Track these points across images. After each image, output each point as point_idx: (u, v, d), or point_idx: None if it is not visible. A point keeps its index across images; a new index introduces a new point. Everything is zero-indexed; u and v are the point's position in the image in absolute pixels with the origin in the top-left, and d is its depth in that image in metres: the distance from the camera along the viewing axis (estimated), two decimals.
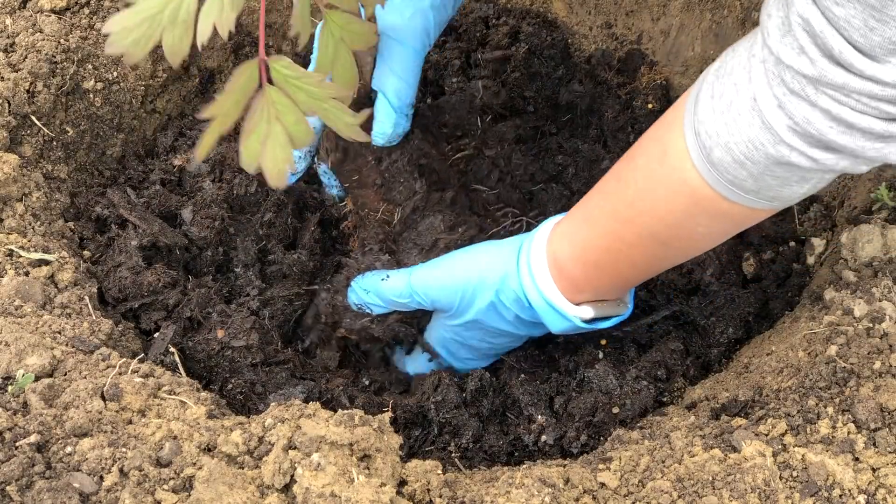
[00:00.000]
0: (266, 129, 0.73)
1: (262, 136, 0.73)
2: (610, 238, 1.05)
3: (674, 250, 1.04)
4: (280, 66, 0.74)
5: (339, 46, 0.81)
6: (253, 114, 0.73)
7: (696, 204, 0.94)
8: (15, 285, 1.08)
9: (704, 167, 0.90)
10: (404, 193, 1.26)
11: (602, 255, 1.06)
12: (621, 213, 1.02)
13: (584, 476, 0.94)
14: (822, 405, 0.97)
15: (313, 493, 0.83)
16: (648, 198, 0.98)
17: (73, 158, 1.32)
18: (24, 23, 1.29)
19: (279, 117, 0.73)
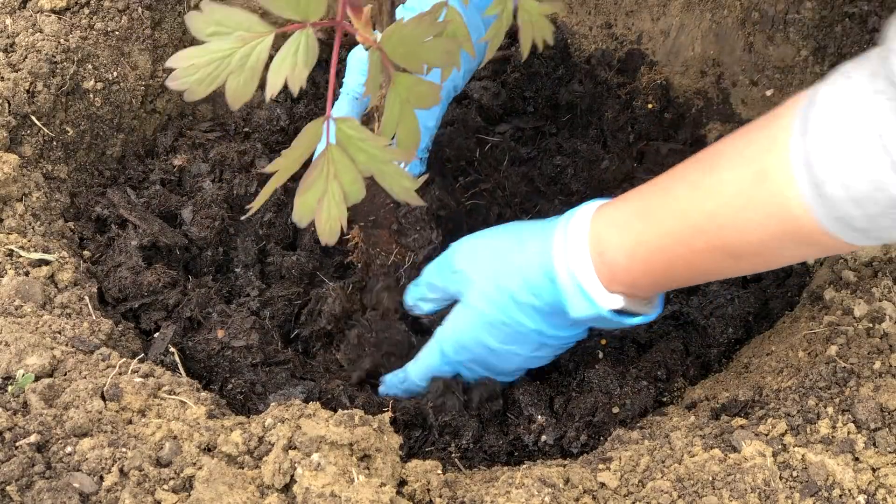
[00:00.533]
0: (324, 187, 0.74)
1: (320, 194, 0.74)
2: (672, 240, 1.00)
3: (743, 265, 0.99)
4: (346, 126, 0.75)
5: (404, 107, 0.82)
6: (313, 171, 0.74)
7: (792, 232, 0.89)
8: (15, 285, 1.08)
9: (814, 200, 0.85)
10: (419, 241, 1.26)
11: (656, 253, 1.02)
12: (694, 221, 0.97)
13: (584, 476, 0.94)
14: (822, 405, 0.97)
15: (313, 493, 0.83)
16: (736, 215, 0.93)
17: (73, 158, 1.32)
18: (24, 23, 1.29)
19: (337, 176, 0.74)
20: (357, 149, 0.75)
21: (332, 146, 0.75)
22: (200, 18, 0.71)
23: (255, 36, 0.72)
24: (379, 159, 0.76)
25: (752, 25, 1.50)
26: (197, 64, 0.71)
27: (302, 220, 0.74)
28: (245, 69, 0.71)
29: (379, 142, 0.76)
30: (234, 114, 1.53)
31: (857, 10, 1.41)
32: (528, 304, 1.12)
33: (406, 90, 0.81)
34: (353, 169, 0.75)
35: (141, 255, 1.28)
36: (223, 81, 0.71)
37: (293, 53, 0.72)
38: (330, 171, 0.75)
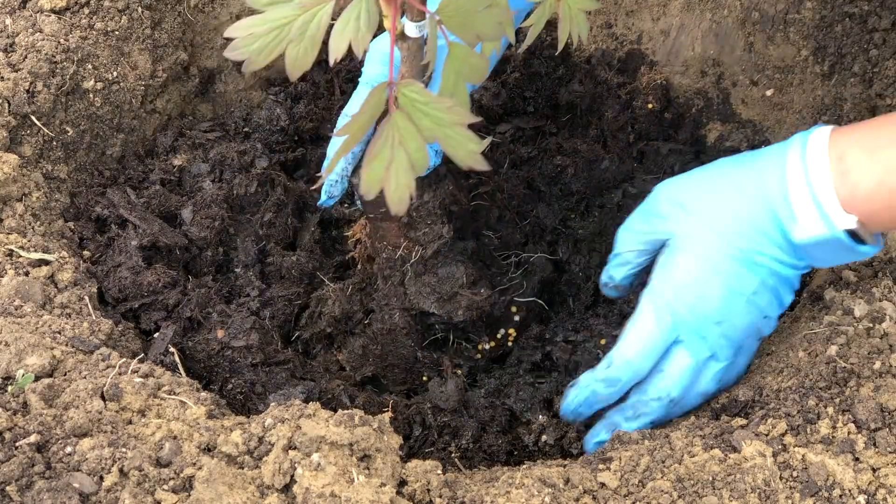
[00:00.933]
0: (390, 155, 0.73)
1: (387, 162, 0.73)
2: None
3: None
4: (409, 90, 0.74)
5: (458, 78, 0.82)
6: (377, 139, 0.73)
7: None
8: (15, 285, 1.08)
9: None
10: (430, 235, 1.25)
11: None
12: None
13: (584, 476, 0.94)
14: (822, 405, 0.97)
15: (313, 493, 0.83)
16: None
17: (73, 158, 1.32)
18: (24, 23, 1.29)
19: (403, 143, 0.73)
20: (421, 114, 0.74)
21: (397, 112, 0.74)
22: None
23: (315, 3, 0.71)
24: (444, 122, 0.74)
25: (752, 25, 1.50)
26: (256, 33, 0.70)
27: (371, 190, 0.73)
28: (305, 37, 0.71)
29: (444, 104, 0.74)
30: (234, 114, 1.54)
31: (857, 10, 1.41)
32: (754, 235, 1.04)
33: (460, 62, 0.81)
34: (418, 136, 0.73)
35: (141, 255, 1.28)
36: (283, 50, 0.70)
37: (356, 18, 0.72)
38: (396, 137, 0.73)
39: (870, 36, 1.40)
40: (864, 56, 1.39)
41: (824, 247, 1.01)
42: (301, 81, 1.57)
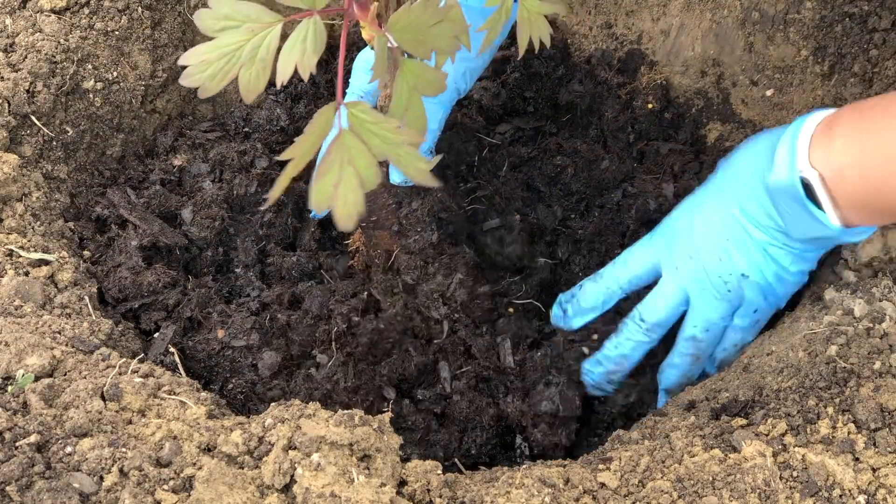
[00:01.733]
0: (339, 173, 0.74)
1: (335, 180, 0.73)
2: (888, 131, 0.97)
3: None
4: (357, 111, 0.75)
5: (412, 94, 0.82)
6: (327, 157, 0.74)
7: None
8: (15, 285, 1.08)
9: None
10: (420, 242, 1.27)
11: (875, 154, 0.98)
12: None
13: (584, 476, 0.94)
14: (822, 405, 0.97)
15: (313, 493, 0.83)
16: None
17: (73, 158, 1.32)
18: (24, 23, 1.29)
19: (352, 161, 0.74)
20: (370, 133, 0.75)
21: (345, 131, 0.74)
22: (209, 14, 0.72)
23: (263, 26, 0.72)
24: (392, 142, 0.75)
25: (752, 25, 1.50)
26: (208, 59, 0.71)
27: (319, 207, 0.74)
28: (256, 61, 0.72)
29: (391, 124, 0.75)
30: (234, 114, 1.53)
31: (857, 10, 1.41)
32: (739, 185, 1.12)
33: (414, 76, 0.81)
34: (368, 153, 0.74)
35: (141, 255, 1.28)
36: (235, 75, 0.72)
37: (302, 40, 0.73)
38: (344, 156, 0.74)
39: (870, 36, 1.40)
40: (864, 56, 1.39)
41: (785, 196, 1.04)
42: (300, 81, 1.57)
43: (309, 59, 0.72)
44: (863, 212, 1.03)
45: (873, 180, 0.99)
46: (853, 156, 1.00)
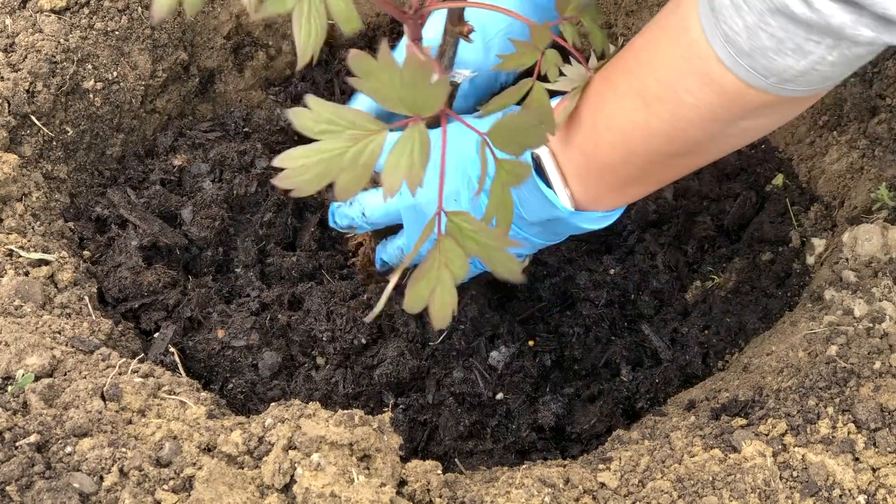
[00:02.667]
0: (436, 277, 0.76)
1: (432, 284, 0.76)
2: (599, 94, 0.97)
3: (656, 119, 0.93)
4: (458, 219, 0.78)
5: (504, 189, 0.85)
6: (425, 262, 0.77)
7: (691, 60, 0.86)
8: (15, 285, 1.08)
9: (706, 13, 0.82)
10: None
11: (591, 115, 0.98)
12: (622, 62, 0.95)
13: (584, 476, 0.94)
14: (822, 405, 0.97)
15: (313, 493, 0.83)
16: (650, 47, 0.91)
17: (73, 158, 1.32)
18: (24, 23, 1.29)
19: (448, 264, 0.77)
20: (468, 238, 0.78)
21: (445, 237, 0.77)
22: (309, 116, 0.71)
23: (367, 134, 0.72)
24: (490, 248, 0.79)
25: None
26: (307, 164, 0.71)
27: (414, 309, 0.76)
28: (357, 167, 0.72)
29: (493, 233, 0.78)
30: (234, 114, 1.53)
31: None
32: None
33: (506, 173, 0.84)
34: (463, 256, 0.77)
35: (141, 255, 1.28)
36: (333, 179, 0.72)
37: (409, 153, 0.73)
38: (442, 261, 0.77)
39: None
40: None
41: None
42: (301, 81, 1.57)
43: (417, 173, 0.73)
44: (592, 184, 1.02)
45: (594, 145, 0.99)
46: (576, 122, 0.99)
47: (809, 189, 1.39)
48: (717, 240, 1.41)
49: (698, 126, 0.91)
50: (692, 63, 0.86)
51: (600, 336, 1.32)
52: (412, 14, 0.87)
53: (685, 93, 0.88)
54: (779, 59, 0.80)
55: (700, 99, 0.88)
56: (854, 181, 1.31)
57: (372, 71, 0.70)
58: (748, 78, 0.83)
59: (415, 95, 0.72)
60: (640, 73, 0.92)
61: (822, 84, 0.84)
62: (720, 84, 0.85)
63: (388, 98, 0.72)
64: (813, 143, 1.40)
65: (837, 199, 1.33)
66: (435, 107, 0.73)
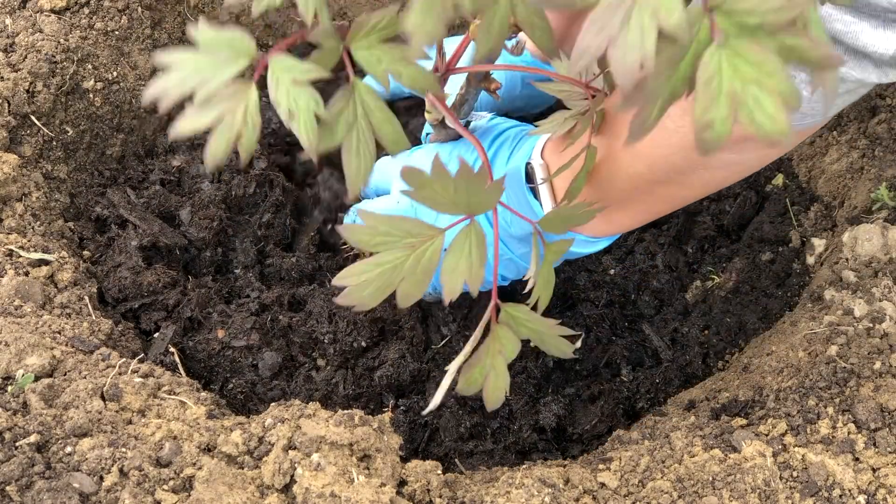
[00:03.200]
0: (490, 364, 0.78)
1: (486, 370, 0.78)
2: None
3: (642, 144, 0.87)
4: (512, 310, 0.80)
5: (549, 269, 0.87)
6: (480, 352, 0.79)
7: None
8: (15, 285, 1.08)
9: None
10: None
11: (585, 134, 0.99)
12: None
13: (584, 476, 0.94)
14: (822, 405, 0.97)
15: (313, 493, 0.83)
16: None
17: (73, 158, 1.32)
18: (24, 23, 1.29)
19: (502, 351, 0.79)
20: (521, 325, 0.81)
21: (500, 326, 0.79)
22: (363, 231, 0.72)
23: (424, 240, 0.73)
24: (544, 333, 0.82)
25: None
26: (369, 279, 0.72)
27: (468, 392, 0.79)
28: (418, 273, 0.73)
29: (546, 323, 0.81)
30: None
31: None
32: None
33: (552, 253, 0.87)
34: (517, 341, 0.80)
35: (141, 255, 1.28)
36: (395, 288, 0.73)
37: (467, 255, 0.74)
38: (496, 348, 0.79)
39: None
40: None
41: (512, 182, 1.05)
42: None
43: (476, 273, 0.74)
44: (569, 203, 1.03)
45: (574, 161, 0.99)
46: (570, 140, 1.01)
47: (809, 189, 1.39)
48: (717, 240, 1.41)
49: (679, 154, 0.91)
50: None
51: (601, 336, 1.32)
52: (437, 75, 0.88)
53: (666, 118, 0.88)
54: None
55: (679, 125, 0.88)
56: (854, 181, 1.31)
57: (424, 184, 0.71)
58: None
59: (469, 200, 0.73)
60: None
61: (801, 121, 0.83)
62: None
63: (442, 205, 0.73)
64: (813, 143, 1.40)
65: (837, 199, 1.33)
66: (489, 207, 0.75)
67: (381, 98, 0.71)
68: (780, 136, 0.49)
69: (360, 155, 0.70)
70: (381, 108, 0.70)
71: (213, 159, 0.65)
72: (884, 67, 0.74)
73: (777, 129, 0.49)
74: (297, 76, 0.65)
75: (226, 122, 0.64)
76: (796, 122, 0.83)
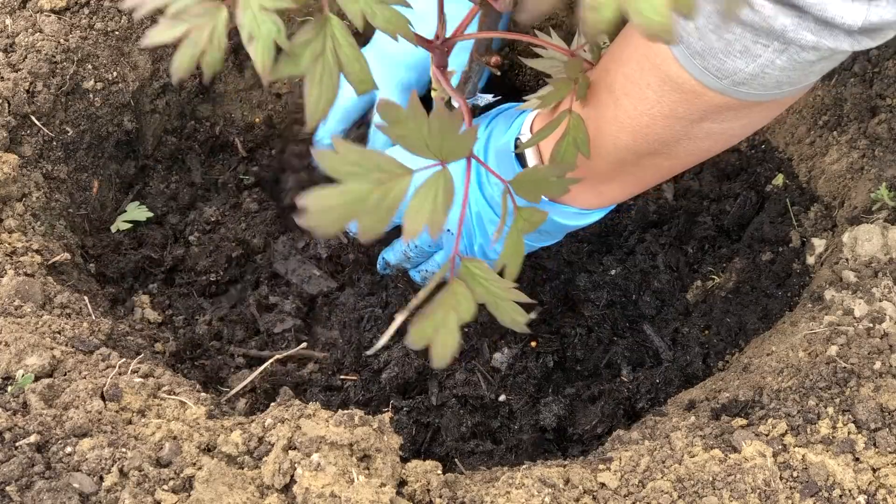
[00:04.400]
0: (443, 318, 0.77)
1: (437, 325, 0.77)
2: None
3: (623, 113, 0.94)
4: (472, 265, 0.79)
5: (519, 238, 0.86)
6: (434, 303, 0.77)
7: (650, 57, 0.87)
8: (15, 285, 1.07)
9: None
10: None
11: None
12: (604, 58, 0.97)
13: (584, 476, 0.94)
14: (822, 405, 0.97)
15: (313, 493, 0.83)
16: (622, 42, 0.92)
17: (73, 158, 1.32)
18: (24, 23, 1.29)
19: (456, 307, 0.78)
20: (478, 283, 0.79)
21: (457, 281, 0.78)
22: (335, 158, 0.72)
23: (392, 177, 0.72)
24: (500, 297, 0.80)
25: None
26: (332, 205, 0.71)
27: (416, 345, 0.78)
28: (381, 209, 0.72)
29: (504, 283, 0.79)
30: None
31: None
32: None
33: (524, 221, 0.86)
34: (472, 300, 0.79)
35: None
36: (355, 219, 0.72)
37: (432, 198, 0.73)
38: (451, 303, 0.78)
39: None
40: (864, 56, 1.39)
41: (503, 158, 1.06)
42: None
43: (439, 217, 0.73)
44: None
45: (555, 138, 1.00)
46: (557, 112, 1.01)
47: (809, 189, 1.39)
48: (717, 240, 1.41)
49: (661, 124, 0.92)
50: (652, 60, 0.87)
51: (602, 337, 1.32)
52: (438, 44, 0.88)
53: (647, 88, 0.89)
54: (728, 60, 0.80)
55: (661, 96, 0.89)
56: (854, 181, 1.31)
57: (400, 119, 0.71)
58: (702, 78, 0.84)
59: (442, 144, 0.72)
60: (612, 69, 0.93)
61: (778, 89, 0.83)
62: (678, 82, 0.86)
63: (414, 145, 0.73)
64: (813, 143, 1.40)
65: (837, 199, 1.33)
66: (462, 154, 0.74)
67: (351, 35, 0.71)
68: (664, 32, 0.50)
69: (323, 85, 0.69)
70: (350, 45, 0.70)
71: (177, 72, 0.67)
72: (855, 36, 0.75)
73: (661, 21, 0.50)
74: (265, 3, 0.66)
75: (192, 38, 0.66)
76: (774, 90, 0.84)
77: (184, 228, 1.38)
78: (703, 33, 0.79)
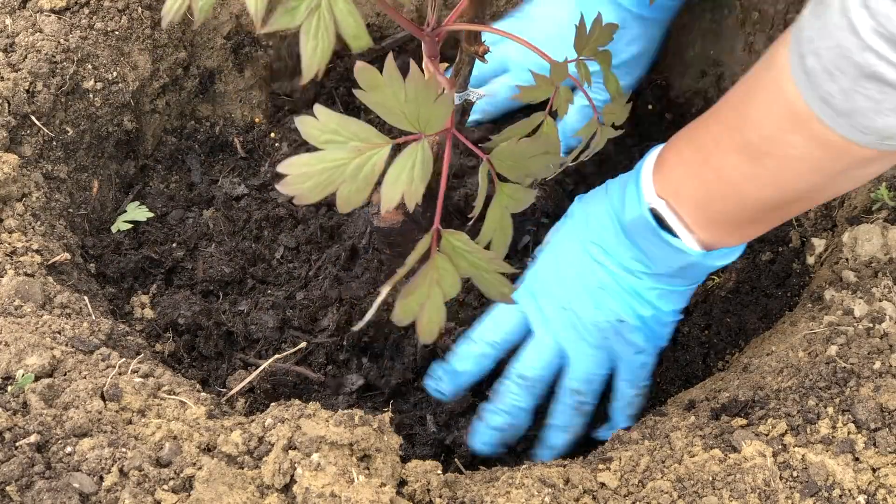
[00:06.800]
0: (427, 293, 0.77)
1: (422, 300, 0.77)
2: (703, 148, 1.00)
3: (765, 171, 0.95)
4: (453, 238, 0.78)
5: (503, 213, 0.86)
6: (417, 278, 0.77)
7: (791, 118, 0.88)
8: (15, 285, 1.08)
9: (799, 76, 0.84)
10: None
11: (698, 168, 1.01)
12: (721, 116, 0.99)
13: (584, 476, 0.94)
14: (822, 405, 0.97)
15: (313, 493, 0.83)
16: (748, 103, 0.94)
17: (73, 158, 1.32)
18: (24, 23, 1.29)
19: (440, 282, 0.77)
20: (461, 257, 0.78)
21: (439, 255, 0.77)
22: (315, 125, 0.71)
23: (370, 147, 0.72)
24: (483, 268, 0.79)
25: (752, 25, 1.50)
26: (310, 172, 0.71)
27: (402, 321, 0.77)
28: (359, 179, 0.72)
29: (486, 255, 0.79)
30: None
31: None
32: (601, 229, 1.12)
33: (507, 198, 0.85)
34: (455, 274, 0.78)
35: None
36: (335, 188, 0.72)
37: (410, 168, 0.73)
38: (434, 277, 0.77)
39: None
40: None
41: (642, 231, 1.06)
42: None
43: (417, 189, 0.73)
44: (712, 230, 1.05)
45: (705, 194, 1.02)
46: (685, 175, 1.03)
47: None
48: None
49: (807, 178, 0.94)
50: (793, 121, 0.88)
51: None
52: (429, 32, 0.87)
53: (790, 147, 0.91)
54: (878, 118, 0.81)
55: (806, 153, 0.90)
56: None
57: (377, 84, 0.70)
58: (850, 135, 0.84)
59: (419, 112, 0.72)
60: (743, 129, 0.95)
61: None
62: (824, 140, 0.87)
63: (391, 112, 0.72)
64: None
65: (837, 198, 1.33)
66: (439, 125, 0.73)
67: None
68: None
69: (319, 38, 0.69)
70: (345, 1, 0.70)
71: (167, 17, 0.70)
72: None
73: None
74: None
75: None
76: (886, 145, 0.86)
77: (184, 228, 1.38)
78: (848, 95, 0.80)
